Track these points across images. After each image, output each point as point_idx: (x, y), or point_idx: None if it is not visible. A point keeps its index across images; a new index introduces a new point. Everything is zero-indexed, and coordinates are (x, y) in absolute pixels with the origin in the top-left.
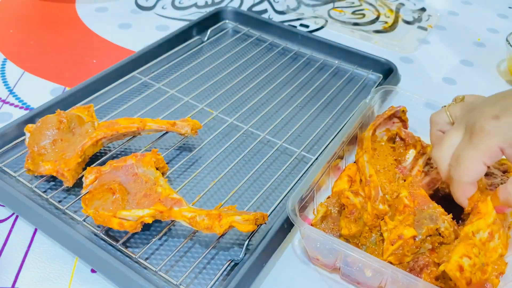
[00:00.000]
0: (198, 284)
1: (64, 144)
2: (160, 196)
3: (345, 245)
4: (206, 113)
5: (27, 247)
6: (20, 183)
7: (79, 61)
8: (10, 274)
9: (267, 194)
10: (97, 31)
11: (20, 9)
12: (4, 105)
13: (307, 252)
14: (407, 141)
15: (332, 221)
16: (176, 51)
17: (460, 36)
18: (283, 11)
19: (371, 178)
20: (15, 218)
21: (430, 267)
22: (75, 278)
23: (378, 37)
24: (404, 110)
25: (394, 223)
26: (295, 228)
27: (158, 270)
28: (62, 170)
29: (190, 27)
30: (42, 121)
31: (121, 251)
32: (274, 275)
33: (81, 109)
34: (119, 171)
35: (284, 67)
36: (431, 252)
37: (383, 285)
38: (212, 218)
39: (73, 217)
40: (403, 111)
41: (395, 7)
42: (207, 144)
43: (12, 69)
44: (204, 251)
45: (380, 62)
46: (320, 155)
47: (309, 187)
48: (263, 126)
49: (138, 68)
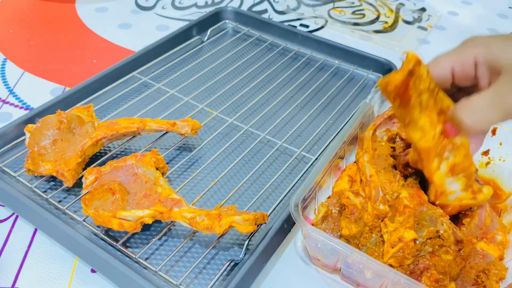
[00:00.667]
0: (198, 284)
1: (64, 144)
2: (160, 196)
3: (346, 247)
4: (206, 113)
5: (27, 247)
6: (20, 183)
7: (79, 61)
8: (10, 274)
9: (267, 194)
10: (97, 31)
11: (20, 9)
12: (4, 105)
13: (308, 252)
14: (407, 141)
15: (333, 221)
16: (176, 51)
17: (460, 36)
18: (283, 11)
19: (371, 178)
20: (15, 218)
21: (430, 270)
22: (75, 278)
23: (378, 37)
24: None
25: (394, 225)
26: (296, 228)
27: (158, 270)
28: (62, 170)
29: (190, 27)
30: (43, 121)
31: (121, 251)
32: (274, 275)
33: (81, 109)
34: (119, 171)
35: (284, 67)
36: (431, 255)
37: (384, 287)
38: (212, 218)
39: (73, 217)
40: None
41: (395, 7)
42: (207, 144)
43: (12, 69)
44: (204, 251)
45: (380, 62)
46: (320, 155)
47: (311, 187)
48: (263, 126)
49: (138, 68)
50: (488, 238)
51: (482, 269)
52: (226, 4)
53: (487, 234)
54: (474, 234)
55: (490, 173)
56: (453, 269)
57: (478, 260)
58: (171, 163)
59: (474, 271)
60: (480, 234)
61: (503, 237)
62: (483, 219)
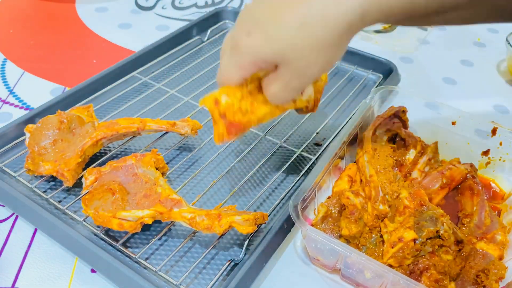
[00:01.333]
0: (198, 284)
1: (64, 144)
2: (160, 196)
3: (346, 247)
4: (206, 113)
5: (27, 247)
6: (20, 183)
7: (79, 61)
8: (10, 274)
9: (267, 194)
10: (97, 31)
11: (20, 9)
12: (4, 105)
13: (308, 253)
14: (407, 141)
15: (333, 221)
16: (176, 51)
17: (460, 36)
18: None
19: (371, 178)
20: (15, 218)
21: (430, 270)
22: (75, 278)
23: (378, 37)
24: (404, 110)
25: (394, 225)
26: (295, 228)
27: (158, 270)
28: (62, 170)
29: (190, 27)
30: (43, 122)
31: (121, 251)
32: (274, 275)
33: (81, 110)
34: (119, 171)
35: None
36: (431, 255)
37: (383, 287)
38: (212, 218)
39: (73, 217)
40: (403, 111)
41: None
42: (207, 144)
43: (12, 69)
44: (204, 251)
45: (380, 62)
46: (320, 155)
47: (310, 187)
48: (263, 126)
49: (138, 68)
50: (488, 238)
51: (482, 269)
52: (226, 4)
53: (487, 234)
54: (474, 234)
55: (490, 173)
56: (453, 269)
57: (478, 260)
58: (171, 163)
59: (474, 270)
60: (480, 234)
61: (502, 237)
62: (483, 219)
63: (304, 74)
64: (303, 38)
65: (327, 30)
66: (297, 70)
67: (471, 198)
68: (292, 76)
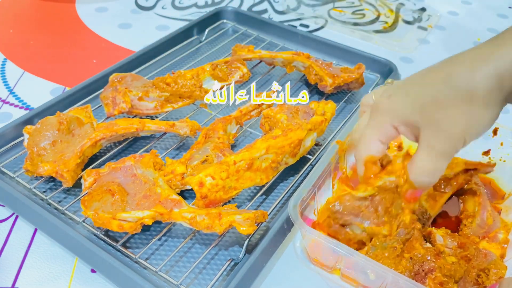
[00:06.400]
0: (198, 284)
1: (63, 145)
2: (160, 197)
3: (345, 248)
4: (205, 114)
5: (27, 247)
6: (19, 184)
7: (79, 61)
8: (10, 274)
9: (267, 194)
10: (97, 31)
11: (20, 9)
12: (4, 105)
13: (307, 253)
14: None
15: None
16: (174, 51)
17: (460, 36)
18: (283, 11)
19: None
20: (15, 218)
21: (435, 273)
22: (75, 278)
23: (378, 37)
24: None
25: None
26: (295, 229)
27: (158, 270)
28: (61, 171)
29: (190, 27)
30: (42, 123)
31: (121, 251)
32: (274, 275)
33: (79, 110)
34: (117, 172)
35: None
36: (437, 257)
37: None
38: (212, 217)
39: (73, 217)
40: None
41: (395, 7)
42: None
43: (12, 69)
44: (204, 251)
45: (380, 62)
46: (320, 155)
47: (310, 187)
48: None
49: (138, 68)
50: (490, 237)
51: (483, 268)
52: (226, 4)
53: (489, 233)
54: (476, 234)
55: (490, 173)
56: (458, 272)
57: (480, 259)
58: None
59: (476, 270)
60: (482, 233)
61: (504, 235)
62: (485, 219)
63: (451, 136)
64: (446, 94)
65: (473, 84)
66: (440, 128)
67: (473, 199)
68: (437, 138)
